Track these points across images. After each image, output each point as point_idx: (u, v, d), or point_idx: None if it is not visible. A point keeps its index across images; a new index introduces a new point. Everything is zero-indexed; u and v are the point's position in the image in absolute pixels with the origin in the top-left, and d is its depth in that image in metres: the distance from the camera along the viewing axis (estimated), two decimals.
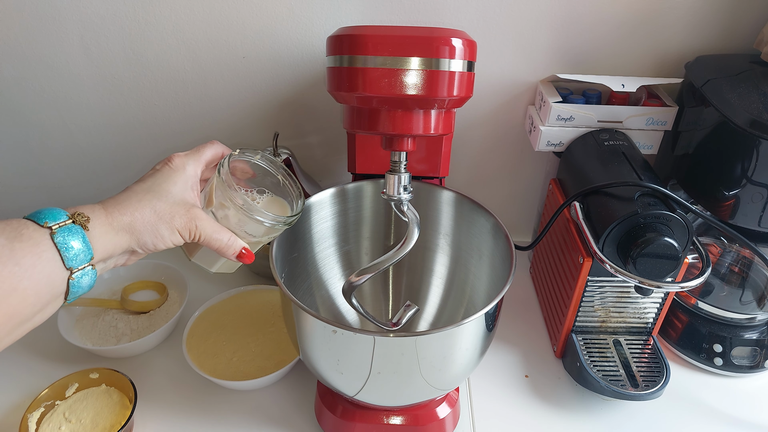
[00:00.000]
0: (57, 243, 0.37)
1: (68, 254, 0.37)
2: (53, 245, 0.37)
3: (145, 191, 0.44)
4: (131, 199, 0.43)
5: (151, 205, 0.43)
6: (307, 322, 0.50)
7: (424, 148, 0.66)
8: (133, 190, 0.44)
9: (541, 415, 0.65)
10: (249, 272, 0.85)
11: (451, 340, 0.49)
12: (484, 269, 0.64)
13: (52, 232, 0.37)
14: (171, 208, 0.44)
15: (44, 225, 0.37)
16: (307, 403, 0.65)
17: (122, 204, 0.42)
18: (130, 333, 0.72)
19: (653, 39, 0.73)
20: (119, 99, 0.79)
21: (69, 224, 0.38)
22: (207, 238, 0.46)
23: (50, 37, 0.74)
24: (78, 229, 0.38)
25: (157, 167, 0.47)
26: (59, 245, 0.37)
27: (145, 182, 0.45)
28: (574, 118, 0.70)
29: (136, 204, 0.43)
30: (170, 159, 0.47)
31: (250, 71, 0.77)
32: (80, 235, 0.38)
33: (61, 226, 0.37)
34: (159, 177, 0.46)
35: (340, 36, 0.48)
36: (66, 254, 0.37)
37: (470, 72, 0.50)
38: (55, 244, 0.37)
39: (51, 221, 0.37)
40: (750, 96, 0.59)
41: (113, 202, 0.42)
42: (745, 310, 0.69)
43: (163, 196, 0.44)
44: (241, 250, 0.49)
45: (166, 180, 0.45)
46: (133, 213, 0.42)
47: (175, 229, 0.44)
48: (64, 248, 0.37)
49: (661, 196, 0.58)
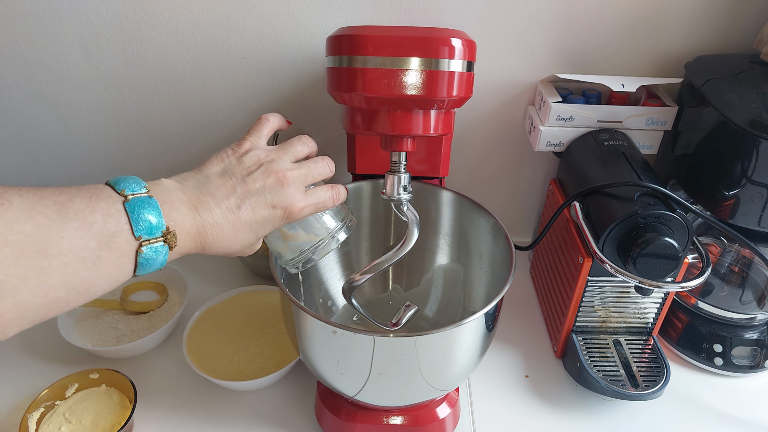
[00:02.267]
0: (139, 259, 0.36)
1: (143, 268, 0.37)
2: (134, 260, 0.36)
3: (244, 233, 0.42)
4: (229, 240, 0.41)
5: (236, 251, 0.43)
6: (307, 323, 0.50)
7: (423, 149, 0.66)
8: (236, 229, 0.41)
9: (541, 415, 0.65)
10: (249, 272, 0.85)
11: (451, 340, 0.49)
12: (484, 269, 0.64)
13: (140, 250, 0.36)
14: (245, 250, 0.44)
15: (138, 238, 0.36)
16: (307, 404, 0.65)
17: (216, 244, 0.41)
18: (130, 333, 0.72)
19: (653, 39, 0.73)
20: (119, 100, 0.79)
21: (159, 242, 0.37)
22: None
23: (50, 38, 0.74)
24: (164, 249, 0.37)
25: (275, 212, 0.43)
26: (140, 262, 0.36)
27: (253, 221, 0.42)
28: (573, 118, 0.70)
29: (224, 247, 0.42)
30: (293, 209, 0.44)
31: (249, 72, 0.77)
32: (164, 253, 0.38)
33: (151, 243, 0.37)
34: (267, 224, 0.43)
35: (339, 36, 0.48)
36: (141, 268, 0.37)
37: (470, 72, 0.50)
38: (137, 260, 0.36)
39: (145, 234, 0.36)
40: (750, 96, 0.59)
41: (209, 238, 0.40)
42: (745, 310, 0.69)
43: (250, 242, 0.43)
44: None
45: (269, 227, 0.44)
46: (215, 252, 0.42)
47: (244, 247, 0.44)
48: (143, 266, 0.37)
49: (661, 196, 0.58)
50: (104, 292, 0.36)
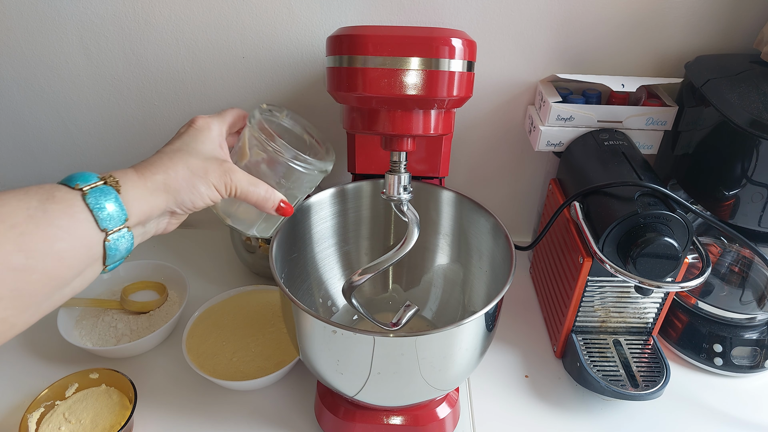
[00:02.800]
0: (89, 204, 0.37)
1: (101, 215, 0.37)
2: (86, 206, 0.37)
3: (175, 151, 0.44)
4: (163, 159, 0.43)
5: (184, 161, 0.43)
6: (307, 322, 0.50)
7: (423, 148, 0.66)
8: (164, 152, 0.44)
9: (541, 415, 0.65)
10: (249, 272, 0.85)
11: (451, 340, 0.49)
12: (484, 269, 0.64)
13: (84, 193, 0.37)
14: (204, 163, 0.44)
15: (75, 187, 0.37)
16: (307, 404, 0.65)
17: (155, 164, 0.42)
18: (129, 333, 0.72)
19: (653, 39, 0.73)
20: (119, 99, 0.79)
21: (100, 185, 0.38)
22: (243, 190, 0.46)
23: (50, 37, 0.74)
24: (110, 190, 0.38)
25: (181, 130, 0.47)
26: (92, 206, 0.37)
27: (173, 144, 0.45)
28: (573, 118, 0.70)
29: (168, 162, 0.42)
30: (193, 121, 0.47)
31: (249, 71, 0.77)
32: (113, 196, 0.38)
33: (92, 188, 0.37)
34: (186, 137, 0.46)
35: (339, 36, 0.48)
36: (99, 215, 0.37)
37: (470, 72, 0.50)
38: (87, 205, 0.37)
39: (82, 183, 0.37)
40: (750, 96, 0.59)
41: (145, 164, 0.42)
42: (745, 310, 0.69)
43: (194, 154, 0.44)
44: (280, 202, 0.49)
45: (194, 139, 0.45)
46: (166, 171, 0.42)
47: (210, 183, 0.44)
48: (97, 209, 0.37)
49: (661, 196, 0.58)
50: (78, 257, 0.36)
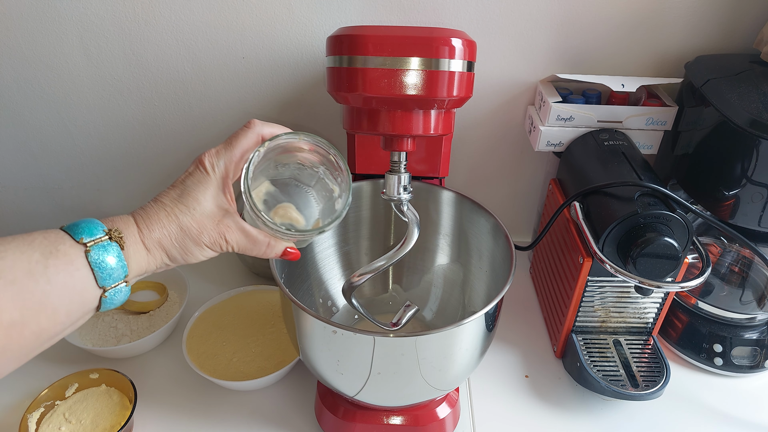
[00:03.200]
0: (91, 261, 0.36)
1: (102, 273, 0.36)
2: (87, 263, 0.36)
3: (174, 202, 0.42)
4: (159, 214, 0.41)
5: (178, 221, 0.41)
6: (307, 323, 0.50)
7: (424, 148, 0.66)
8: (163, 202, 0.42)
9: (541, 415, 0.65)
10: (249, 272, 0.85)
11: (451, 340, 0.49)
12: (484, 269, 0.64)
13: (87, 249, 0.36)
14: (199, 223, 0.42)
15: (80, 241, 0.36)
16: (307, 404, 0.65)
17: (152, 219, 0.41)
18: (130, 333, 0.72)
19: (653, 39, 0.73)
20: (119, 99, 0.79)
21: (105, 241, 0.37)
22: (241, 248, 0.44)
23: (50, 37, 0.73)
24: (114, 247, 0.37)
25: (189, 170, 0.43)
26: (93, 264, 0.36)
27: (176, 189, 0.43)
28: (573, 118, 0.70)
29: (164, 220, 0.41)
30: (201, 161, 0.43)
31: (249, 71, 0.77)
32: (116, 252, 0.37)
33: (96, 243, 0.36)
34: (189, 184, 0.43)
35: (339, 36, 0.48)
36: (100, 273, 0.36)
37: (470, 72, 0.50)
38: (90, 263, 0.36)
39: (87, 237, 0.36)
40: (750, 96, 0.59)
41: (144, 216, 0.41)
42: (745, 310, 0.69)
43: (191, 208, 0.42)
44: (285, 250, 0.46)
45: (196, 187, 0.42)
46: (161, 230, 0.41)
47: (203, 245, 0.43)
48: (99, 267, 0.36)
49: (661, 196, 0.58)
50: (72, 313, 0.36)
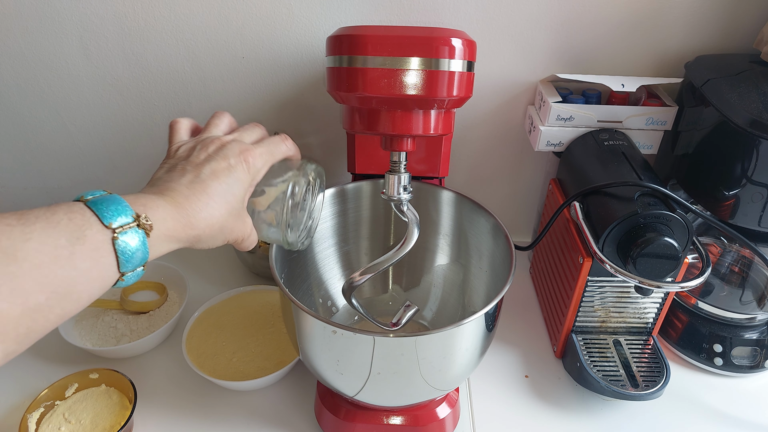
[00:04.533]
0: (117, 249, 0.35)
1: (125, 260, 0.36)
2: (113, 251, 0.35)
3: (221, 198, 0.42)
4: (209, 209, 0.41)
5: (222, 220, 0.42)
6: (307, 323, 0.50)
7: (423, 148, 0.66)
8: (210, 195, 0.41)
9: (541, 415, 0.65)
10: (249, 272, 0.85)
11: (451, 340, 0.49)
12: (484, 269, 0.64)
13: (115, 237, 0.35)
14: (234, 221, 0.44)
15: (108, 226, 0.35)
16: (307, 404, 0.65)
17: (198, 217, 0.40)
18: (129, 333, 0.72)
19: (653, 38, 0.73)
20: (118, 99, 0.79)
21: (133, 227, 0.36)
22: (244, 246, 0.47)
23: (49, 37, 0.73)
24: (141, 234, 0.37)
25: (231, 160, 0.43)
26: (119, 251, 0.35)
27: (220, 180, 0.42)
28: (573, 118, 0.70)
29: (210, 218, 0.41)
30: (247, 158, 0.44)
31: (249, 71, 0.77)
32: (141, 239, 0.37)
33: (124, 230, 0.36)
34: (235, 178, 0.43)
35: (339, 36, 0.48)
36: (123, 260, 0.36)
37: (470, 72, 0.50)
38: (116, 249, 0.35)
39: (116, 222, 0.35)
40: (750, 96, 0.59)
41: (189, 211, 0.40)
42: (745, 310, 0.69)
43: (233, 208, 0.43)
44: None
45: (239, 184, 0.43)
46: (204, 229, 0.41)
47: (227, 239, 0.45)
48: (124, 255, 0.36)
49: (661, 196, 0.58)
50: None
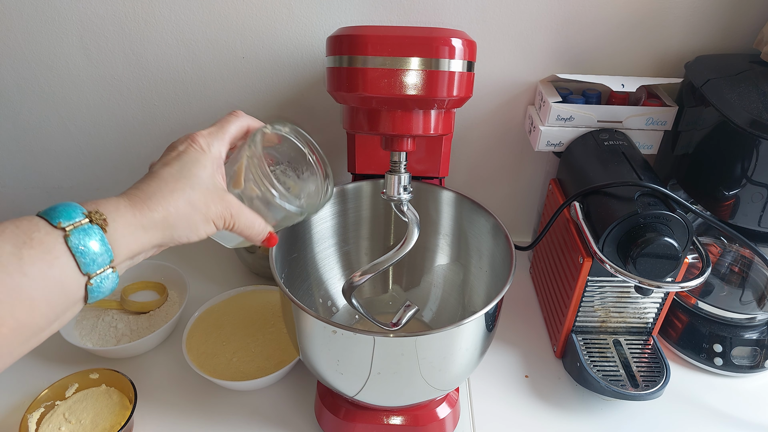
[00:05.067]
0: (71, 246, 0.33)
1: (84, 259, 0.34)
2: (67, 249, 0.33)
3: (175, 179, 0.40)
4: (162, 190, 0.39)
5: (186, 195, 0.39)
6: (307, 323, 0.50)
7: (423, 148, 0.66)
8: (162, 178, 0.39)
9: (541, 415, 0.65)
10: (249, 272, 0.85)
11: (451, 340, 0.49)
12: (484, 269, 0.64)
13: (66, 234, 0.33)
14: (206, 197, 0.40)
15: (57, 225, 0.33)
16: (307, 404, 0.65)
17: (153, 197, 0.38)
18: (129, 333, 0.72)
19: (653, 39, 0.73)
20: (118, 99, 0.79)
21: (85, 224, 0.34)
22: (241, 226, 0.43)
23: (49, 37, 0.73)
24: (96, 230, 0.34)
25: (180, 148, 0.42)
26: (74, 249, 0.33)
27: (172, 166, 0.40)
28: (573, 118, 0.70)
29: (169, 197, 0.38)
30: (194, 139, 0.42)
31: (249, 71, 0.77)
32: (98, 236, 0.34)
33: (76, 227, 0.33)
34: (186, 160, 0.41)
35: (339, 36, 0.48)
36: (82, 259, 0.33)
37: (470, 72, 0.50)
38: (69, 248, 0.33)
39: (65, 221, 0.33)
40: (750, 96, 0.59)
41: (142, 196, 0.38)
42: (745, 310, 0.69)
43: (196, 185, 0.40)
44: (269, 234, 0.46)
45: (194, 164, 0.41)
46: (167, 207, 0.38)
47: (210, 219, 0.41)
48: (80, 253, 0.33)
49: (661, 196, 0.58)
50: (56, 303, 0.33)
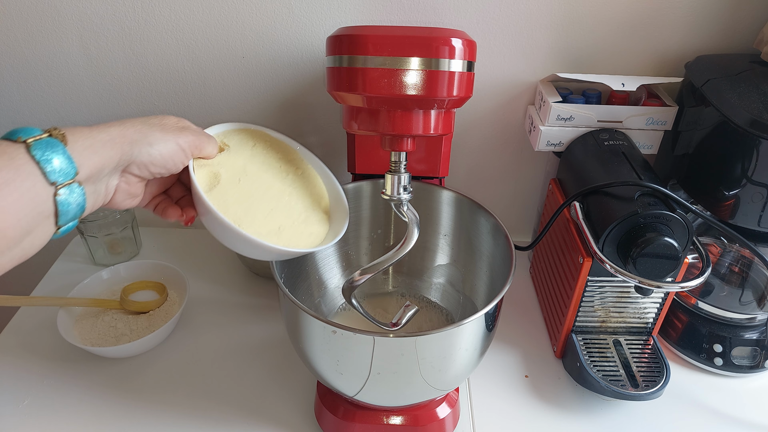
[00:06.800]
0: (35, 156, 0.34)
1: (48, 167, 0.35)
2: (31, 159, 0.34)
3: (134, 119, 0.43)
4: (122, 121, 0.42)
5: (142, 120, 0.42)
6: (307, 323, 0.50)
7: (423, 148, 0.66)
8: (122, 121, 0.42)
9: (541, 415, 0.65)
10: (249, 272, 0.85)
11: (451, 341, 0.49)
12: (484, 269, 0.64)
13: (28, 145, 0.34)
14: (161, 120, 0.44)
15: (17, 140, 0.35)
16: (307, 404, 0.65)
17: (111, 124, 0.41)
18: (129, 333, 0.72)
19: (653, 38, 0.73)
20: (118, 99, 0.79)
21: (45, 138, 0.35)
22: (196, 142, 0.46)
23: (50, 37, 0.74)
24: (56, 143, 0.36)
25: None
26: (38, 158, 0.34)
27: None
28: (573, 117, 0.70)
29: (126, 121, 0.41)
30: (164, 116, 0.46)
31: (249, 71, 0.77)
32: (60, 148, 0.36)
33: (37, 140, 0.35)
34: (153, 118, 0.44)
35: (339, 36, 0.48)
36: (46, 168, 0.35)
37: (470, 72, 0.49)
38: (33, 157, 0.34)
39: (25, 136, 0.35)
40: (750, 96, 0.59)
41: (100, 124, 0.40)
42: (745, 310, 0.69)
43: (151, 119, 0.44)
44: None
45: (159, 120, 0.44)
46: (122, 125, 0.41)
47: (168, 133, 0.43)
48: (44, 161, 0.34)
49: (661, 196, 0.58)
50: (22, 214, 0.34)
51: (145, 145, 0.41)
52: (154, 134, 0.42)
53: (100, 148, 0.38)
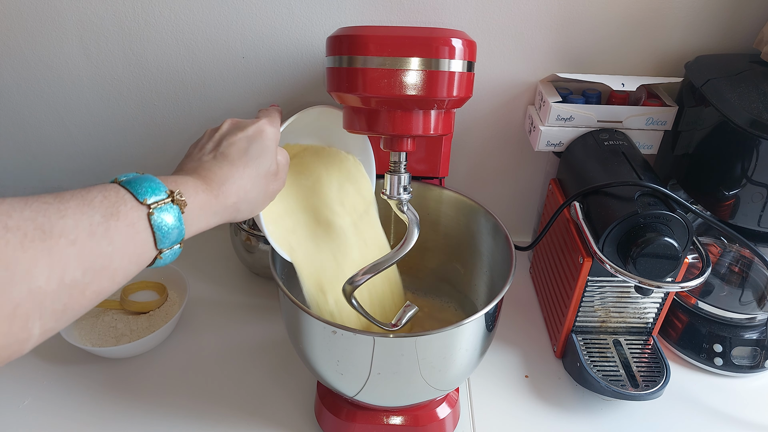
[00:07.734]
0: (153, 224, 0.35)
1: (162, 236, 0.36)
2: (149, 226, 0.35)
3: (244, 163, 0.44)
4: (234, 175, 0.42)
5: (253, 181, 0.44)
6: (307, 323, 0.50)
7: (423, 149, 0.66)
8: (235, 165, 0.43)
9: (541, 415, 0.65)
10: (249, 272, 0.85)
11: (451, 341, 0.49)
12: (484, 269, 0.64)
13: (150, 212, 0.35)
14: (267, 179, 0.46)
15: (143, 202, 0.35)
16: (307, 404, 0.65)
17: (227, 183, 0.42)
18: (129, 333, 0.72)
19: (653, 38, 0.73)
20: (118, 100, 0.79)
21: (167, 203, 0.36)
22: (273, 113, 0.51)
23: (49, 37, 0.73)
24: (175, 210, 0.37)
25: (249, 132, 0.46)
26: (155, 227, 0.36)
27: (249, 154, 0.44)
28: (573, 118, 0.70)
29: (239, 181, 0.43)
30: (262, 131, 0.46)
31: (249, 71, 0.77)
32: (176, 215, 0.37)
33: (159, 205, 0.36)
34: (256, 149, 0.45)
35: (339, 36, 0.48)
36: (160, 236, 0.36)
37: (470, 72, 0.49)
38: (152, 225, 0.35)
39: (150, 197, 0.36)
40: (750, 96, 0.59)
41: (216, 181, 0.41)
42: (745, 310, 0.69)
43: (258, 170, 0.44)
44: None
45: (262, 154, 0.45)
46: (237, 194, 0.42)
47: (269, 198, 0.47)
48: (160, 230, 0.36)
49: (661, 196, 0.58)
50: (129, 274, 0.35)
51: (248, 213, 0.45)
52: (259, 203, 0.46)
53: (211, 217, 0.41)
